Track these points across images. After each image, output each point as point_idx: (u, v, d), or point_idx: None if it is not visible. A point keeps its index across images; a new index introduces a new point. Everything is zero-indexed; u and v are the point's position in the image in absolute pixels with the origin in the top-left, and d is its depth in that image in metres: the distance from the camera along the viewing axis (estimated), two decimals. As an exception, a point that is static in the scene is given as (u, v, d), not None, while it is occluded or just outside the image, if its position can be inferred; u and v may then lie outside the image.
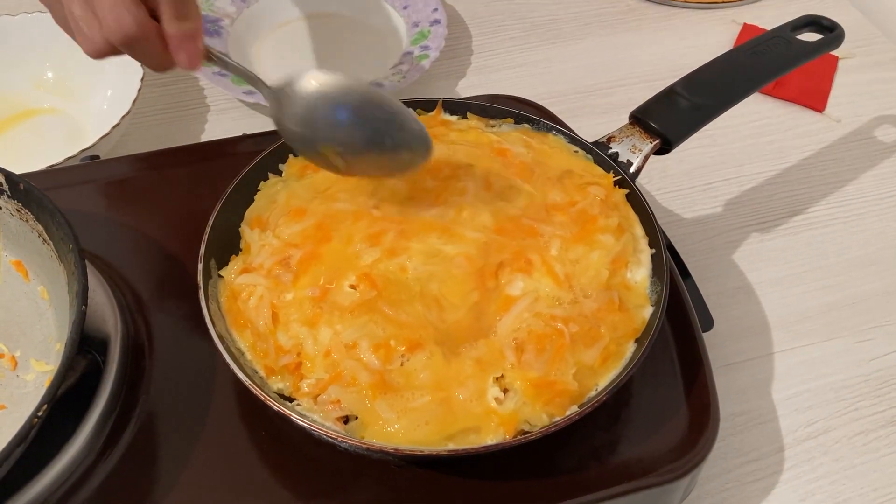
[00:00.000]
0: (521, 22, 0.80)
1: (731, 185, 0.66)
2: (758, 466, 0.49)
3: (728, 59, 0.51)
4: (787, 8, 0.83)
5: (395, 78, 0.69)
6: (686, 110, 0.49)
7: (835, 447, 0.50)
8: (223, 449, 0.41)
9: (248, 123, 0.69)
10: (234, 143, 0.57)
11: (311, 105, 0.40)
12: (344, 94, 0.40)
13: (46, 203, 0.42)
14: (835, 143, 0.69)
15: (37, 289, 0.45)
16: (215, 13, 0.74)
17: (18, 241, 0.45)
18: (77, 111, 0.68)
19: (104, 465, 0.39)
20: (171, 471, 0.40)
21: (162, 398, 0.42)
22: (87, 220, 0.50)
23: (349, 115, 0.41)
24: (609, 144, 0.49)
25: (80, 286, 0.38)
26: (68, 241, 0.40)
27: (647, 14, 0.81)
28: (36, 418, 0.34)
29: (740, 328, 0.56)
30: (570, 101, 0.72)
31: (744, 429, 0.51)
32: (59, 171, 0.55)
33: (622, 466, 0.41)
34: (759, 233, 0.62)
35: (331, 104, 0.40)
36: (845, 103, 0.72)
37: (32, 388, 0.41)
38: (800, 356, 0.55)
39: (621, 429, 0.42)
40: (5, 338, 0.43)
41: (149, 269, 0.48)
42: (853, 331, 0.56)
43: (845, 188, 0.66)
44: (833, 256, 0.61)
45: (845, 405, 0.52)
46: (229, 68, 0.41)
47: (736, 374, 0.53)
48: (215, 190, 0.46)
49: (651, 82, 0.74)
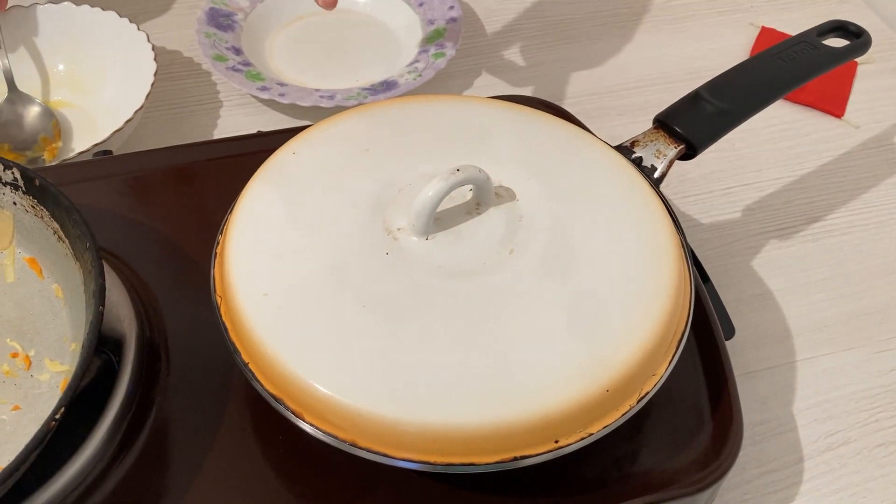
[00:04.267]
0: (536, 21, 0.79)
1: (750, 190, 0.65)
2: (777, 477, 0.49)
3: (754, 64, 0.51)
4: (804, 11, 0.82)
5: (411, 76, 0.68)
6: (711, 115, 0.48)
7: (855, 459, 0.50)
8: (238, 453, 0.40)
9: (261, 119, 0.68)
10: (250, 140, 0.56)
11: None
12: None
13: (63, 200, 0.41)
14: (854, 150, 0.68)
15: (51, 287, 0.44)
16: (229, 7, 0.73)
17: (33, 238, 0.44)
18: (89, 104, 0.67)
19: (119, 467, 0.39)
20: (186, 475, 0.39)
21: (177, 400, 0.42)
22: (100, 216, 0.50)
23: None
24: (633, 149, 0.48)
25: (97, 286, 0.37)
26: (85, 239, 0.39)
27: (662, 15, 0.81)
28: (53, 422, 0.33)
29: (759, 336, 0.55)
30: (586, 102, 0.72)
31: (762, 439, 0.50)
32: (72, 166, 0.54)
33: (644, 477, 0.40)
34: (777, 239, 0.62)
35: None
36: (864, 109, 0.72)
37: (47, 388, 0.40)
38: (819, 365, 0.54)
39: (643, 439, 0.42)
40: (19, 337, 0.42)
41: (163, 268, 0.47)
42: (873, 340, 0.55)
43: (864, 195, 0.65)
44: (852, 264, 0.60)
45: (865, 416, 0.52)
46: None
47: (755, 382, 0.53)
48: (231, 187, 0.46)
49: (668, 85, 0.73)
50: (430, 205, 0.39)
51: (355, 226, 0.40)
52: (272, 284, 0.38)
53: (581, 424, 0.36)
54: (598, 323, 0.37)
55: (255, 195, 0.43)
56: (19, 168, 0.42)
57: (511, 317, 0.37)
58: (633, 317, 0.38)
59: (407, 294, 0.38)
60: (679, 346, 0.39)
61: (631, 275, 0.39)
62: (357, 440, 0.35)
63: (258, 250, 0.40)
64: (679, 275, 0.40)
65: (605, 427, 0.36)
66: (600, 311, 0.38)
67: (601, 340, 0.37)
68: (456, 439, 0.35)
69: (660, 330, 0.38)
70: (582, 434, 0.36)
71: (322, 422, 0.36)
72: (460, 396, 0.35)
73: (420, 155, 0.44)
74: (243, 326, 0.38)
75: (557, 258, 0.39)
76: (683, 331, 0.39)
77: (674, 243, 0.41)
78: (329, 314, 0.37)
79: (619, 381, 0.36)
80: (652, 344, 0.37)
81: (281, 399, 0.36)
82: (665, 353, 0.38)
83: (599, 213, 0.42)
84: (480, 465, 0.35)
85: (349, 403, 0.35)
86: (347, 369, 0.36)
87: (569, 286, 0.38)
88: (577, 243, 0.40)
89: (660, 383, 0.38)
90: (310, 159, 0.44)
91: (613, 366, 0.36)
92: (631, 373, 0.36)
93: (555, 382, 0.35)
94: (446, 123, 0.46)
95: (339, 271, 0.39)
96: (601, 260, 0.40)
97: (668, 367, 0.38)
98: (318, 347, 0.36)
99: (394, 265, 0.39)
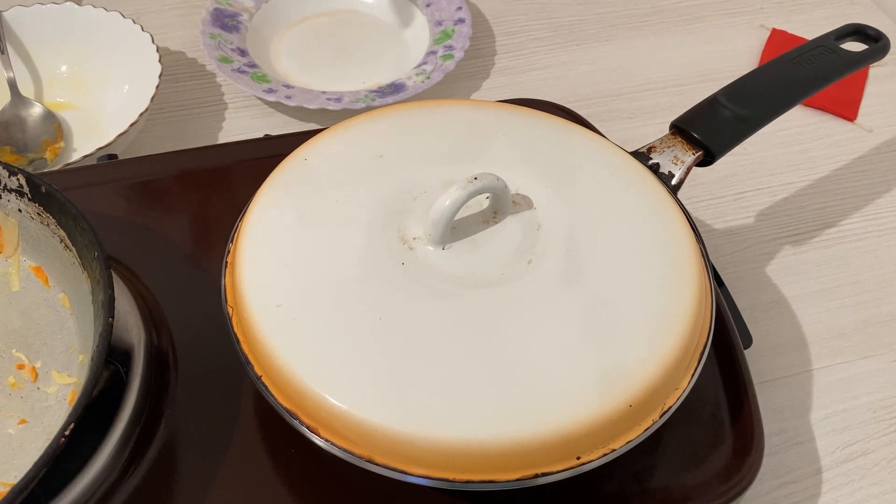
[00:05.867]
0: (545, 22, 0.78)
1: (763, 195, 0.64)
2: (795, 489, 0.48)
3: (772, 68, 0.50)
4: (814, 13, 0.81)
5: (419, 78, 0.67)
6: (730, 121, 0.47)
7: (874, 470, 0.49)
8: (249, 467, 0.39)
9: (266, 122, 0.67)
10: (258, 144, 0.55)
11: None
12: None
13: (70, 208, 0.40)
14: (867, 154, 0.68)
15: (57, 296, 0.43)
16: (234, 7, 0.72)
17: (39, 246, 0.43)
18: (92, 107, 0.66)
19: (129, 482, 0.38)
20: (197, 489, 0.38)
21: (187, 412, 0.41)
22: (105, 222, 0.49)
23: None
24: (649, 155, 0.47)
25: (106, 296, 0.36)
26: (93, 248, 0.38)
27: (672, 17, 0.80)
28: (63, 438, 0.32)
29: (775, 344, 0.54)
30: (596, 104, 0.71)
31: (780, 449, 0.50)
32: (77, 171, 0.53)
33: (665, 492, 0.39)
34: (791, 245, 0.61)
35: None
36: (877, 112, 0.71)
37: (54, 401, 0.39)
38: (836, 374, 0.53)
39: (663, 452, 0.41)
40: (25, 347, 0.41)
41: (171, 276, 0.46)
42: (891, 348, 0.55)
43: (879, 200, 0.64)
44: (867, 271, 0.59)
45: (884, 426, 0.51)
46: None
47: (772, 392, 0.52)
48: (240, 192, 0.45)
49: (678, 87, 0.73)
50: (448, 214, 0.38)
51: (370, 235, 0.40)
52: (285, 295, 0.37)
53: (603, 440, 0.35)
54: (619, 336, 0.36)
55: (267, 203, 0.42)
56: (25, 174, 0.41)
57: (530, 329, 0.36)
58: (655, 329, 0.37)
59: (424, 305, 0.37)
60: (701, 358, 0.38)
61: (652, 286, 0.38)
62: (373, 456, 0.34)
63: (270, 260, 0.39)
64: (700, 286, 0.39)
65: (628, 443, 0.35)
66: (621, 323, 0.37)
67: (623, 354, 0.36)
68: (475, 456, 0.34)
69: (682, 342, 0.37)
70: (604, 450, 0.35)
71: (337, 437, 0.35)
72: (479, 411, 0.34)
73: (434, 161, 0.43)
74: (256, 338, 0.37)
75: (576, 269, 0.39)
76: (706, 343, 0.39)
77: (694, 253, 0.40)
78: (344, 326, 0.36)
79: (642, 395, 0.35)
80: (675, 357, 0.36)
81: (295, 413, 0.35)
82: (688, 366, 0.37)
83: (618, 223, 0.41)
84: (500, 482, 0.34)
85: (365, 418, 0.34)
86: (363, 383, 0.35)
87: (588, 298, 0.38)
88: (597, 253, 0.39)
89: (682, 397, 0.37)
90: (322, 166, 0.43)
91: (636, 380, 0.35)
92: (654, 387, 0.35)
93: (576, 397, 0.34)
94: (459, 128, 0.45)
95: (354, 282, 0.38)
96: (621, 271, 0.39)
97: (690, 381, 0.37)
98: (333, 360, 0.35)
99: (410, 275, 0.38)
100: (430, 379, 0.35)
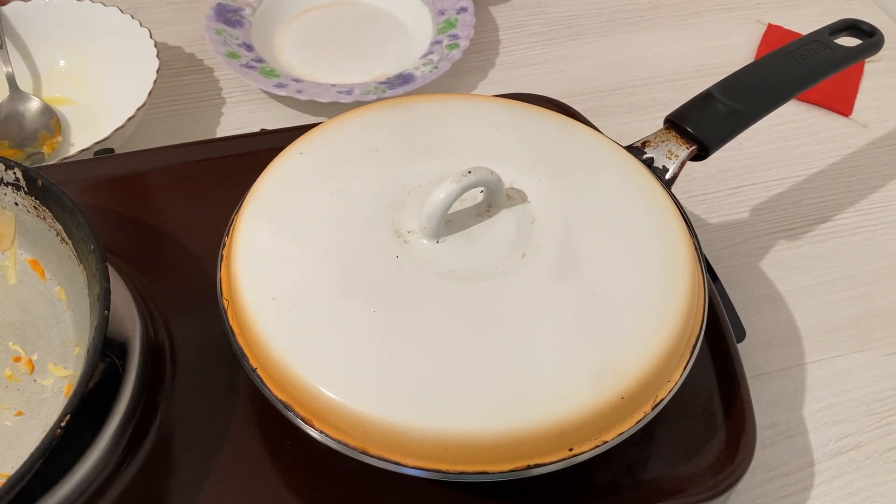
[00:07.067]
0: (542, 17, 0.79)
1: (758, 189, 0.64)
2: (787, 482, 0.48)
3: (766, 63, 0.50)
4: (810, 8, 0.81)
5: (427, 69, 0.67)
6: (724, 116, 0.47)
7: (866, 463, 0.49)
8: (244, 459, 0.40)
9: (264, 116, 0.68)
10: (255, 138, 0.55)
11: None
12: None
13: (66, 202, 0.40)
14: (862, 149, 0.68)
15: (54, 289, 0.43)
16: (236, 2, 0.72)
17: (35, 240, 0.43)
18: (90, 101, 0.66)
19: (124, 474, 0.38)
20: (192, 481, 0.39)
21: (182, 405, 0.41)
22: (102, 215, 0.49)
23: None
24: (644, 149, 0.47)
25: (101, 289, 0.37)
26: (89, 241, 0.39)
27: (669, 12, 0.80)
28: (59, 430, 0.32)
29: (768, 338, 0.55)
30: (592, 99, 0.71)
31: (773, 442, 0.50)
32: (74, 165, 0.53)
33: (657, 484, 0.40)
34: (785, 240, 0.61)
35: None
36: (872, 108, 0.71)
37: (51, 393, 0.39)
38: (829, 368, 0.54)
39: (656, 444, 0.41)
40: (21, 340, 0.41)
41: (167, 269, 0.47)
42: (884, 343, 0.55)
43: (873, 195, 0.64)
44: (861, 265, 0.60)
45: (876, 420, 0.51)
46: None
47: (764, 385, 0.52)
48: (236, 186, 0.45)
49: (675, 82, 0.73)
50: (442, 207, 0.38)
51: (365, 228, 0.40)
52: (280, 288, 0.38)
53: (595, 432, 0.35)
54: (612, 329, 0.37)
55: (262, 196, 0.42)
56: (21, 168, 0.42)
57: (524, 322, 0.37)
58: (647, 322, 0.37)
59: (418, 298, 0.37)
60: (694, 351, 0.38)
61: (645, 279, 0.39)
62: (368, 448, 0.35)
63: (266, 253, 0.39)
64: (693, 279, 0.39)
65: (620, 434, 0.35)
66: (614, 316, 0.37)
67: (616, 347, 0.36)
68: (468, 447, 0.34)
69: (675, 335, 0.37)
70: (596, 442, 0.35)
71: (332, 429, 0.35)
72: (473, 403, 0.34)
73: (429, 155, 0.43)
74: (251, 331, 0.37)
75: (570, 262, 0.39)
76: (698, 336, 0.39)
77: (688, 247, 0.40)
78: (339, 319, 0.37)
79: (634, 387, 0.35)
80: (667, 350, 0.36)
81: (290, 405, 0.36)
82: (680, 359, 0.38)
83: (612, 216, 0.41)
84: (493, 473, 0.34)
85: (359, 410, 0.34)
86: (358, 375, 0.35)
87: (582, 291, 0.38)
88: (590, 247, 0.40)
89: (675, 389, 0.37)
90: (317, 159, 0.43)
91: (628, 372, 0.35)
92: (646, 379, 0.36)
93: (569, 389, 0.35)
94: (454, 123, 0.46)
95: (348, 275, 0.38)
96: (615, 264, 0.39)
97: (682, 373, 0.38)
98: (327, 353, 0.36)
99: (404, 269, 0.38)
100: (424, 371, 0.35)
